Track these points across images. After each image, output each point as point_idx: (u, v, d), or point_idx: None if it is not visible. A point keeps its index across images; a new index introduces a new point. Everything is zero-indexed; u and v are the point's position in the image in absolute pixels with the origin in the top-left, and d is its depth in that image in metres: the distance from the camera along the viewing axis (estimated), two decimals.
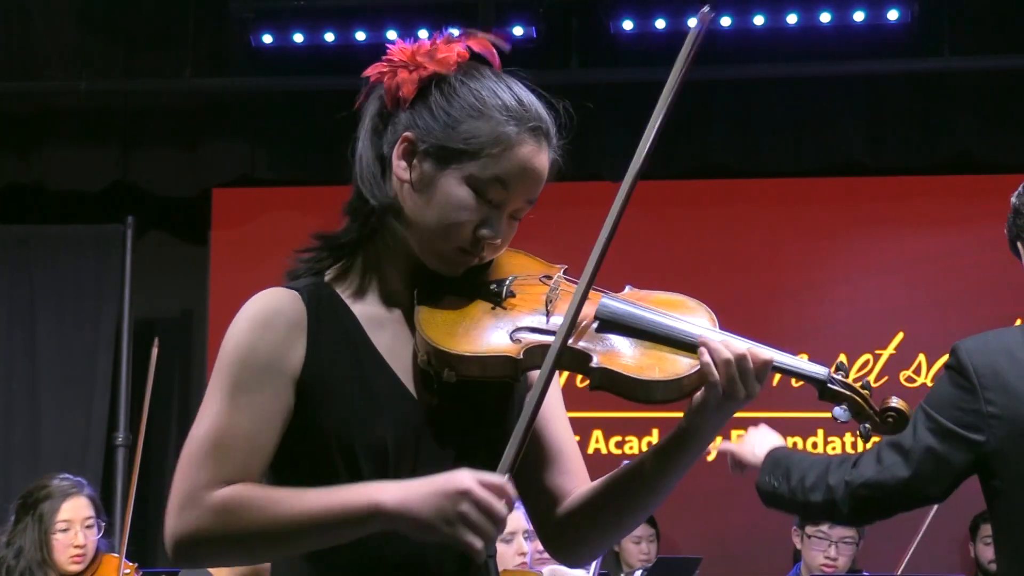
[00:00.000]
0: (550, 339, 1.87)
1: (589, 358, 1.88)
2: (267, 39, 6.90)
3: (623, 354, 1.89)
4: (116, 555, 5.19)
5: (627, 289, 1.99)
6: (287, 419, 1.90)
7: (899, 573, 5.45)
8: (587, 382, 1.91)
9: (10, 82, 7.15)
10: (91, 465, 6.95)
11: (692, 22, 1.89)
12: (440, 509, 1.76)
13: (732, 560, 6.87)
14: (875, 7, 6.62)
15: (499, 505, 1.77)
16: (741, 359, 1.86)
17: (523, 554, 5.21)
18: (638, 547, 6.46)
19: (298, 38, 6.88)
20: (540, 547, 5.64)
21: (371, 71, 2.01)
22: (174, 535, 1.84)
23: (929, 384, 6.94)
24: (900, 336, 7.00)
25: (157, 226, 7.55)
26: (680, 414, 1.93)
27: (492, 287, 1.97)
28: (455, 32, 2.04)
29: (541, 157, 1.95)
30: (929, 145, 6.94)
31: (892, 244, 7.14)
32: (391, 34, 6.76)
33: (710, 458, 6.97)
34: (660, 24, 6.62)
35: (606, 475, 1.99)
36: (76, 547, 4.99)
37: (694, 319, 1.92)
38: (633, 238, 7.18)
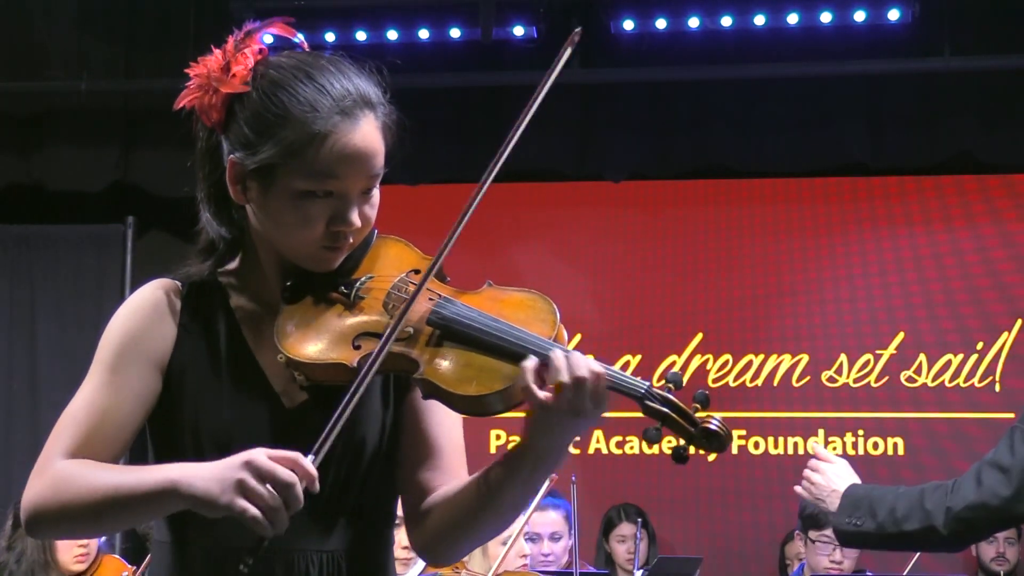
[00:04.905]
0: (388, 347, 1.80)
1: (417, 367, 1.82)
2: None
3: (448, 365, 1.81)
4: (115, 555, 5.19)
5: (485, 287, 1.92)
6: (150, 403, 1.94)
7: (903, 573, 5.45)
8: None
9: (10, 82, 7.15)
10: None
11: (661, 23, 1.88)
12: (220, 480, 1.74)
13: (732, 560, 6.88)
14: (876, 7, 6.63)
15: (283, 472, 1.72)
16: (586, 381, 1.75)
17: (524, 556, 5.21)
18: (624, 546, 6.45)
19: (298, 38, 6.87)
20: (545, 550, 5.66)
21: (183, 100, 2.07)
22: (23, 504, 1.90)
23: (931, 384, 6.94)
24: (900, 336, 7.00)
25: (157, 226, 7.54)
26: None
27: (343, 289, 1.92)
28: (246, 32, 2.11)
29: (361, 132, 1.89)
30: (929, 145, 6.94)
31: (892, 244, 7.15)
32: (391, 34, 6.76)
33: (711, 458, 7.01)
34: (660, 24, 6.61)
35: (472, 475, 1.93)
36: (80, 546, 4.98)
37: (536, 326, 1.83)
38: (633, 238, 7.18)
